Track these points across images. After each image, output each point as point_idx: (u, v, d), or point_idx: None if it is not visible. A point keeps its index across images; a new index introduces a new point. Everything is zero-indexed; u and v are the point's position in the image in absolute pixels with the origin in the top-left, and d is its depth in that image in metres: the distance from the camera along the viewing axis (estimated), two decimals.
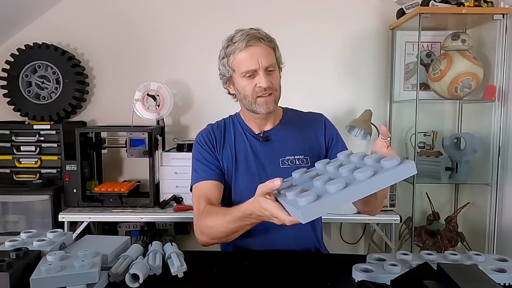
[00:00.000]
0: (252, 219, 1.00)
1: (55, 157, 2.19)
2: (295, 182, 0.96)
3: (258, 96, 1.18)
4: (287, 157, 1.25)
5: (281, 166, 1.24)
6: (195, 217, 1.20)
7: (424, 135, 2.34)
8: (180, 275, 0.92)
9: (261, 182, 1.18)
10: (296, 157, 1.26)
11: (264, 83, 1.15)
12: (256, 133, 1.29)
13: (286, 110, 1.36)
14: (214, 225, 1.10)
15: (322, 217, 1.92)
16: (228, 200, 1.27)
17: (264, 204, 0.91)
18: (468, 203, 2.32)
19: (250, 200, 0.98)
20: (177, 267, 0.92)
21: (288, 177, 1.04)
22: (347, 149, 1.27)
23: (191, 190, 1.27)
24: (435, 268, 0.77)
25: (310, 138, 1.30)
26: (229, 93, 1.29)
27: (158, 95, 2.25)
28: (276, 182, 0.89)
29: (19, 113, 2.32)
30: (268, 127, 1.30)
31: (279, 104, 1.28)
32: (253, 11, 2.37)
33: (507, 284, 0.88)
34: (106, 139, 2.33)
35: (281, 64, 1.26)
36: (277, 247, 1.18)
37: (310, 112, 1.37)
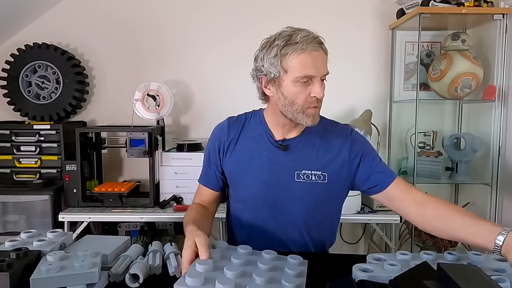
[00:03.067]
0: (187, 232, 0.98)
1: (55, 157, 2.19)
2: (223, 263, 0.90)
3: (309, 107, 1.09)
4: (303, 171, 1.16)
5: (296, 180, 1.16)
6: None
7: (424, 135, 2.34)
8: (178, 275, 0.92)
9: (273, 191, 1.17)
10: (313, 172, 1.16)
11: (320, 93, 1.07)
12: (276, 140, 1.20)
13: None
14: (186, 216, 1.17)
15: None
16: (237, 198, 1.26)
17: (189, 241, 0.90)
18: (468, 203, 2.32)
19: (195, 228, 0.97)
20: (174, 267, 0.92)
21: (302, 190, 1.15)
22: (378, 162, 1.19)
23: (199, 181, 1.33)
24: (435, 268, 0.77)
25: (332, 153, 1.19)
26: (263, 93, 1.16)
27: (158, 95, 2.25)
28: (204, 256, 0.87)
29: (19, 113, 2.33)
30: (291, 135, 1.19)
31: None
32: (253, 11, 2.37)
33: None
34: (106, 139, 2.33)
35: None
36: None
37: (337, 123, 1.27)
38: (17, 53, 2.28)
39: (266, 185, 1.18)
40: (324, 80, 1.11)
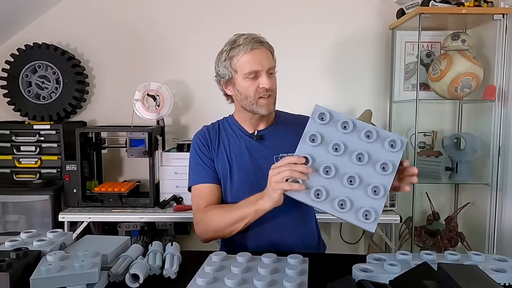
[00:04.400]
0: (258, 199, 1.11)
1: (55, 157, 2.19)
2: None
3: (260, 97, 1.23)
4: (281, 155, 1.28)
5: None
6: (196, 215, 1.25)
7: (424, 135, 2.34)
8: (173, 276, 0.92)
9: (256, 178, 1.25)
10: (289, 154, 1.26)
11: (267, 84, 1.21)
12: (250, 133, 1.32)
13: (278, 112, 1.39)
14: (219, 215, 1.19)
15: (322, 216, 1.92)
16: (224, 198, 1.30)
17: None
18: (468, 203, 2.32)
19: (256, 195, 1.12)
20: (167, 269, 0.92)
21: None
22: None
23: (189, 190, 1.32)
24: (435, 268, 0.77)
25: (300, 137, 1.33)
26: (226, 94, 1.33)
27: (158, 95, 2.25)
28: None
29: (19, 113, 2.33)
30: (261, 127, 1.33)
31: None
32: (253, 11, 2.37)
33: (507, 284, 0.88)
34: (106, 139, 2.33)
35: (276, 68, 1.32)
36: (272, 241, 1.23)
37: (301, 115, 1.42)
38: (17, 53, 2.28)
39: (250, 173, 1.26)
40: (273, 73, 1.25)
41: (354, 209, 0.95)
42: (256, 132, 1.32)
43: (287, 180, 0.99)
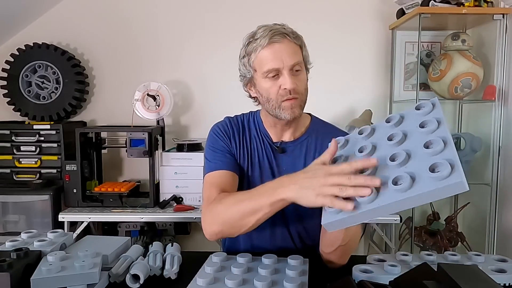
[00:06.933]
0: (279, 186, 0.87)
1: (55, 157, 2.19)
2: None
3: (284, 100, 1.06)
4: None
5: None
6: (204, 206, 1.06)
7: None
8: (173, 277, 0.92)
9: None
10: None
11: (289, 84, 1.03)
12: (274, 141, 1.18)
13: (314, 120, 1.21)
14: (230, 203, 0.96)
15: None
16: None
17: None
18: (468, 203, 2.32)
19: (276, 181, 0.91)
20: (167, 269, 0.93)
21: None
22: None
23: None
24: (435, 269, 0.77)
25: None
26: (250, 96, 1.17)
27: (158, 95, 2.26)
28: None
29: (19, 113, 2.33)
30: (287, 136, 1.17)
31: (306, 111, 1.14)
32: (253, 11, 2.37)
33: (507, 285, 0.88)
34: (106, 139, 2.33)
35: (309, 64, 1.14)
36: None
37: (337, 128, 1.24)
38: (17, 53, 2.28)
39: None
40: (300, 70, 1.07)
41: (421, 177, 0.66)
42: (280, 143, 1.16)
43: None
